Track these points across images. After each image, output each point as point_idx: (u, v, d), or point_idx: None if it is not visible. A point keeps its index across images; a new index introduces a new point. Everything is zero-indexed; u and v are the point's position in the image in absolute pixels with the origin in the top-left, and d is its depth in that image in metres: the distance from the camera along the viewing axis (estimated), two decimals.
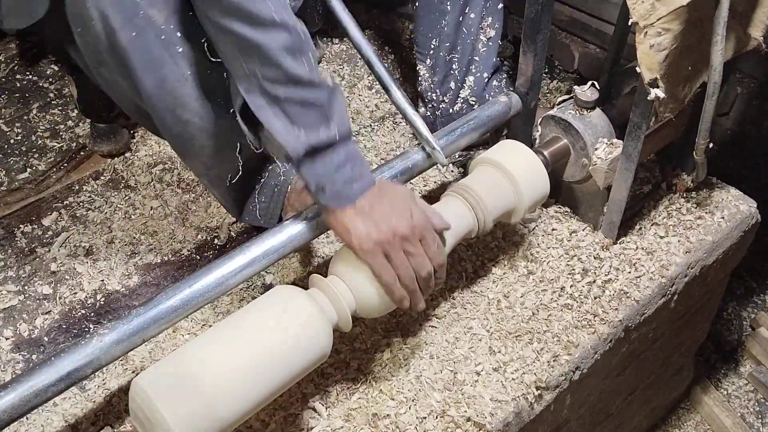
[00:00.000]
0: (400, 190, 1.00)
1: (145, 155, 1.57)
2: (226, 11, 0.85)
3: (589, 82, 1.26)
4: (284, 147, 0.92)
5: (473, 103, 1.46)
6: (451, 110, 1.48)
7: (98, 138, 1.55)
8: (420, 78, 1.50)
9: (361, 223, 0.95)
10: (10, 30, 1.34)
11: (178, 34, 0.98)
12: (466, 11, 1.40)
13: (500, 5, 1.41)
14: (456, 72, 1.45)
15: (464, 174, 1.48)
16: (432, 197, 1.43)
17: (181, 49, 0.99)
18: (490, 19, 1.42)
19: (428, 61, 1.47)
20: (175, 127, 1.08)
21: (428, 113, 1.52)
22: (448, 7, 1.39)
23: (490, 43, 1.44)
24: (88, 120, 1.57)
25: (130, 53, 0.96)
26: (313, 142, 0.92)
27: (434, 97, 1.49)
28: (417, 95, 1.56)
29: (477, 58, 1.44)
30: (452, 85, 1.46)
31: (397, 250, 0.96)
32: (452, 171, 1.52)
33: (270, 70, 0.88)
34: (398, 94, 1.21)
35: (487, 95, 1.46)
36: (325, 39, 1.88)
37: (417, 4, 1.44)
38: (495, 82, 1.47)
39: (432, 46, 1.44)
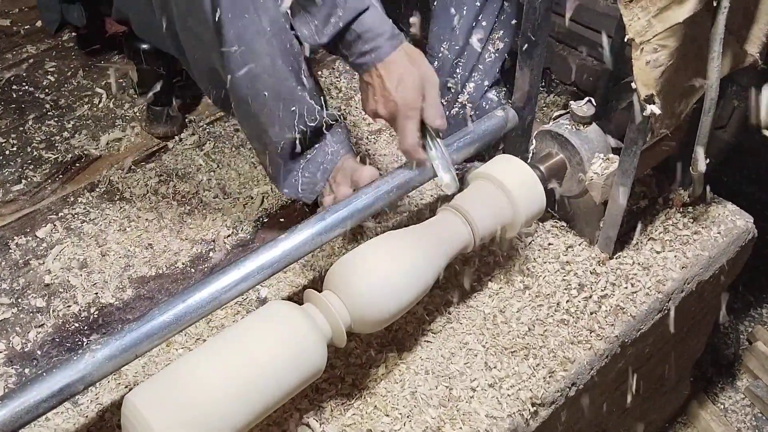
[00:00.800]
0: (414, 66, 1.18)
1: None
2: None
3: (586, 98, 1.26)
4: (307, 40, 1.14)
5: (470, 108, 1.48)
6: (447, 113, 1.50)
7: (153, 121, 1.62)
8: None
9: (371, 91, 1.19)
10: (79, 22, 1.59)
11: None
12: (479, 18, 1.41)
13: (513, 21, 1.43)
14: (458, 77, 1.47)
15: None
16: (428, 210, 1.43)
17: (262, 1, 1.09)
18: (501, 32, 1.44)
19: (436, 63, 1.49)
20: (245, 81, 1.15)
21: None
22: (464, 11, 1.41)
23: (497, 55, 1.46)
24: (145, 103, 1.65)
25: None
26: (330, 33, 1.13)
27: None
28: None
29: (481, 66, 1.46)
30: (453, 89, 1.48)
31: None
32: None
33: None
34: None
35: (484, 104, 1.48)
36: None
37: (435, 4, 1.46)
38: (493, 93, 1.49)
39: (442, 49, 1.46)
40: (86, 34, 1.88)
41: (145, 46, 1.51)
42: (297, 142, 1.25)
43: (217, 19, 1.08)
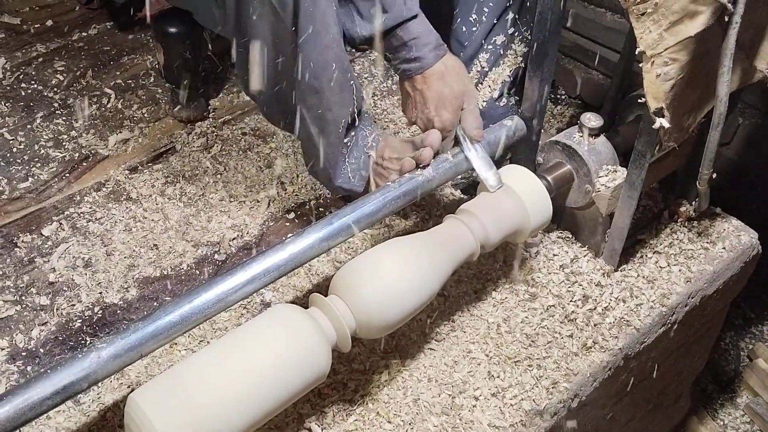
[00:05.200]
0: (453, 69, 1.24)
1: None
2: None
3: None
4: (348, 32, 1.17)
5: (481, 109, 1.49)
6: None
7: (178, 104, 1.66)
8: None
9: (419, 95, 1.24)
10: None
11: None
12: (495, 23, 1.44)
13: (527, 31, 1.45)
14: (473, 78, 1.48)
15: (464, 197, 1.48)
16: (433, 220, 1.43)
17: None
18: (516, 37, 1.45)
19: None
20: (315, 53, 1.15)
21: None
22: (484, 18, 1.44)
23: (512, 60, 1.47)
24: (170, 86, 1.67)
25: None
26: (369, 31, 1.17)
27: None
28: None
29: (496, 70, 1.48)
30: None
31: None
32: (452, 194, 1.51)
33: None
34: None
35: (497, 104, 1.49)
36: None
37: (457, 10, 1.48)
38: (504, 98, 1.50)
39: (460, 52, 1.48)
40: (121, 12, 1.92)
41: (173, 29, 1.53)
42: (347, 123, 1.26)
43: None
